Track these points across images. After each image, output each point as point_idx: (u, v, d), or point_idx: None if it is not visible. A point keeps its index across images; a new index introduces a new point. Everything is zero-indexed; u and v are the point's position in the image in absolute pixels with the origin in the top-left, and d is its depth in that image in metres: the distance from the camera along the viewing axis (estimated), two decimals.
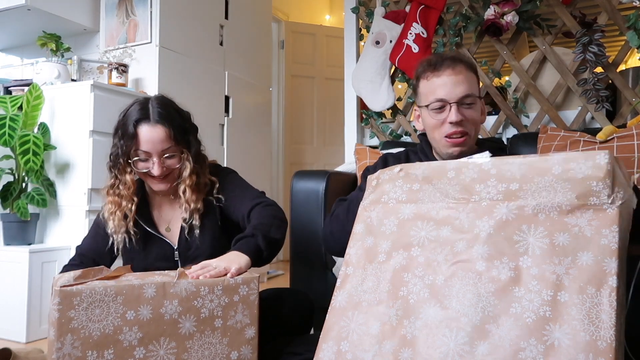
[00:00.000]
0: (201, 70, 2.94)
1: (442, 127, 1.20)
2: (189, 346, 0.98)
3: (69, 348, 0.91)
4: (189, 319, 0.99)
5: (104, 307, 0.93)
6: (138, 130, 1.27)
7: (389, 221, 0.88)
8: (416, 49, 2.33)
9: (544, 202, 0.74)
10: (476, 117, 1.20)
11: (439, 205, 0.84)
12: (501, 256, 0.74)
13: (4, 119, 2.07)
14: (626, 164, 1.52)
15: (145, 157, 1.29)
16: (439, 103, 1.18)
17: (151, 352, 0.96)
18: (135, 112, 1.30)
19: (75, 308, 0.92)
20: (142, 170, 1.31)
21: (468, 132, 1.19)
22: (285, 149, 4.37)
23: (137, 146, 1.28)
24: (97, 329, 0.93)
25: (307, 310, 1.34)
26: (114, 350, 0.93)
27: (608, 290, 0.66)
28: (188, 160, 1.33)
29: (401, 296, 0.80)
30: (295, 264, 1.87)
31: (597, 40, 1.97)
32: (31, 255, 2.06)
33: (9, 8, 2.42)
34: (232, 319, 1.02)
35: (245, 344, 1.03)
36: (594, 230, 0.69)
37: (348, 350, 0.81)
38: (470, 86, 1.19)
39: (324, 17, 5.14)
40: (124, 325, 0.94)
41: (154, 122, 1.28)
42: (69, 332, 0.91)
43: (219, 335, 1.01)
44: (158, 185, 1.33)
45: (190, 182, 1.33)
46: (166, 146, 1.29)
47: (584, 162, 0.73)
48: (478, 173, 0.82)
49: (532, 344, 0.67)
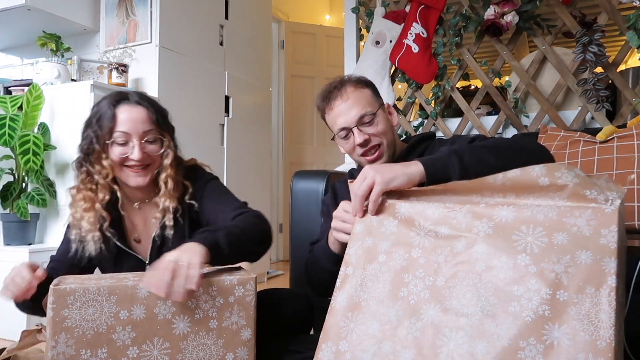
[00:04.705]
0: (201, 70, 2.94)
1: (354, 150, 1.25)
2: (183, 347, 0.97)
3: (63, 347, 0.91)
4: (182, 320, 0.97)
5: (97, 306, 0.93)
6: (116, 110, 1.16)
7: (389, 222, 0.88)
8: (416, 49, 2.33)
9: (543, 204, 0.74)
10: (381, 129, 1.22)
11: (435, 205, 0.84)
12: (500, 256, 0.74)
13: (4, 119, 2.07)
14: (626, 164, 1.52)
15: (124, 139, 1.16)
16: (343, 132, 1.23)
17: (145, 352, 0.95)
18: (110, 96, 1.20)
19: (69, 307, 0.92)
20: (119, 157, 1.16)
21: (379, 143, 1.23)
22: (285, 149, 4.37)
23: (115, 127, 1.15)
24: (90, 328, 0.92)
25: (306, 311, 1.32)
26: (108, 349, 0.93)
27: (607, 289, 0.66)
28: (170, 148, 1.22)
29: (401, 297, 0.80)
30: (295, 264, 1.87)
31: (597, 40, 1.97)
32: (31, 255, 2.06)
33: (9, 8, 2.42)
34: (228, 320, 1.00)
35: (241, 345, 1.01)
36: (593, 230, 0.69)
37: (347, 350, 0.82)
38: (363, 104, 1.22)
39: (324, 17, 5.14)
40: (117, 324, 0.94)
41: (134, 103, 1.19)
42: (63, 330, 0.91)
43: (214, 337, 0.99)
44: (136, 179, 1.19)
45: (172, 173, 1.21)
46: (147, 128, 1.18)
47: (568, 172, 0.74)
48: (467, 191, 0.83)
49: (532, 344, 0.67)
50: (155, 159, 1.21)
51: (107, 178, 1.18)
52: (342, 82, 1.26)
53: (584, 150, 1.64)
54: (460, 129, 2.39)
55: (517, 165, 0.78)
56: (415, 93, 2.48)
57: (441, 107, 2.47)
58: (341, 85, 1.25)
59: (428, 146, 1.28)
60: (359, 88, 1.24)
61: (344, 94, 1.23)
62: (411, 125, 2.51)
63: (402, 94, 2.73)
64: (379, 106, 1.25)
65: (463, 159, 0.93)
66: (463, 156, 0.93)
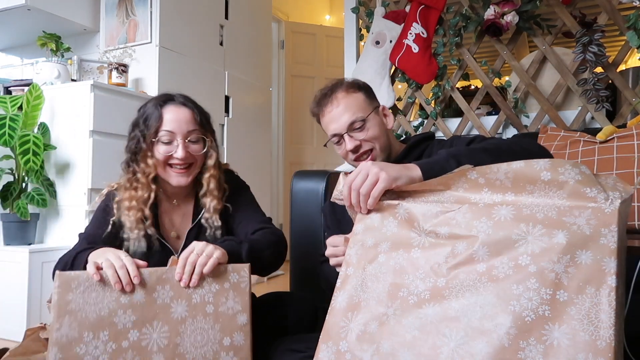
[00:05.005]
0: (201, 70, 2.94)
1: (347, 156, 1.25)
2: (181, 331, 1.01)
3: (67, 329, 0.96)
4: (180, 304, 1.02)
5: (100, 290, 0.99)
6: (163, 110, 1.22)
7: (389, 222, 0.88)
8: (416, 49, 2.33)
9: (542, 203, 0.74)
10: (372, 134, 1.22)
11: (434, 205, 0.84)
12: (500, 256, 0.74)
13: (4, 119, 2.07)
14: (626, 164, 1.52)
15: (168, 138, 1.21)
16: (335, 138, 1.24)
17: (145, 335, 0.99)
18: (157, 98, 1.26)
19: (73, 291, 0.97)
20: (164, 155, 1.21)
21: (371, 148, 1.23)
22: (285, 149, 4.37)
23: (160, 126, 1.21)
24: (93, 312, 0.97)
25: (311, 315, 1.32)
26: (109, 332, 0.98)
27: (607, 289, 0.66)
28: (213, 148, 1.27)
29: (401, 297, 0.80)
30: (295, 264, 1.87)
31: (597, 40, 1.97)
32: (31, 255, 2.06)
33: (9, 8, 2.42)
34: (224, 305, 1.04)
35: (237, 330, 1.05)
36: (593, 230, 0.69)
37: (347, 350, 0.82)
38: (354, 110, 1.22)
39: (324, 17, 5.14)
40: (118, 308, 0.99)
41: (180, 104, 1.24)
42: (67, 313, 0.96)
43: (210, 321, 1.03)
44: (178, 178, 1.24)
45: (215, 173, 1.26)
46: (191, 128, 1.23)
47: (572, 169, 0.73)
48: (467, 183, 0.82)
49: (532, 344, 0.67)
50: (198, 159, 1.26)
51: (149, 176, 1.22)
52: (334, 87, 1.26)
53: (584, 150, 1.64)
54: (460, 129, 2.39)
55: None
56: (415, 93, 2.48)
57: (441, 107, 2.47)
58: (332, 91, 1.25)
59: (427, 147, 1.27)
60: (351, 93, 1.24)
61: (334, 100, 1.23)
62: (411, 125, 2.51)
63: (402, 94, 2.73)
64: (373, 109, 1.25)
65: (461, 162, 0.92)
66: (461, 160, 0.93)
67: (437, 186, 0.85)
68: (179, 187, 1.27)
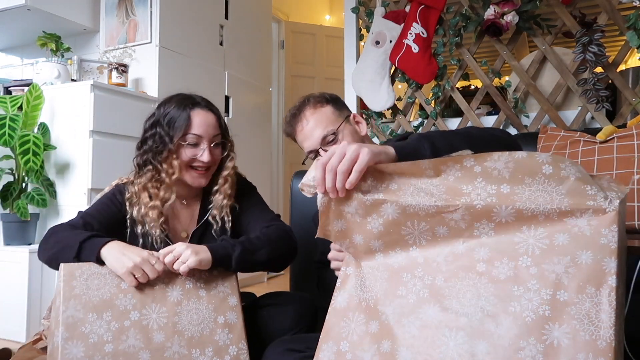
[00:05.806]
0: (201, 70, 2.94)
1: None
2: (178, 311, 1.12)
3: (72, 311, 1.04)
4: (175, 289, 1.14)
5: (101, 278, 1.09)
6: (192, 114, 1.25)
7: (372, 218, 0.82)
8: (416, 49, 2.33)
9: (543, 204, 0.73)
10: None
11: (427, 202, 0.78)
12: (501, 257, 0.73)
13: (4, 119, 2.07)
14: (626, 164, 1.52)
15: (195, 141, 1.25)
16: (312, 154, 1.25)
17: (145, 316, 1.09)
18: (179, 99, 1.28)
19: (77, 279, 1.07)
20: (189, 157, 1.25)
21: None
22: (285, 149, 4.37)
23: (189, 130, 1.24)
24: (96, 296, 1.07)
25: (311, 315, 1.32)
26: (112, 312, 1.07)
27: (607, 289, 0.66)
28: (233, 151, 1.33)
29: (400, 295, 0.80)
30: (295, 264, 1.87)
31: (597, 40, 1.97)
32: (31, 255, 2.06)
33: (9, 8, 2.42)
34: (215, 289, 1.17)
35: (230, 310, 1.16)
36: (593, 230, 0.69)
37: (348, 350, 0.81)
38: (324, 124, 1.23)
39: (324, 17, 5.14)
40: (119, 292, 1.09)
41: (206, 108, 1.28)
42: (72, 297, 1.05)
43: (204, 302, 1.15)
44: (199, 180, 1.28)
45: (232, 173, 1.32)
46: (216, 132, 1.28)
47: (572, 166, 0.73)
48: (461, 171, 0.77)
49: (532, 343, 0.67)
50: (217, 162, 1.31)
51: (173, 177, 1.25)
52: (301, 106, 1.27)
53: (584, 150, 1.64)
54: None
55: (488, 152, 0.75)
56: (415, 93, 2.48)
57: (441, 107, 2.47)
58: (300, 110, 1.27)
59: None
60: (319, 108, 1.25)
61: (303, 118, 1.25)
62: (411, 125, 2.51)
63: (402, 94, 2.73)
64: (343, 120, 1.25)
65: (434, 143, 0.89)
66: (434, 141, 0.89)
67: (427, 170, 0.79)
68: (194, 187, 1.31)
